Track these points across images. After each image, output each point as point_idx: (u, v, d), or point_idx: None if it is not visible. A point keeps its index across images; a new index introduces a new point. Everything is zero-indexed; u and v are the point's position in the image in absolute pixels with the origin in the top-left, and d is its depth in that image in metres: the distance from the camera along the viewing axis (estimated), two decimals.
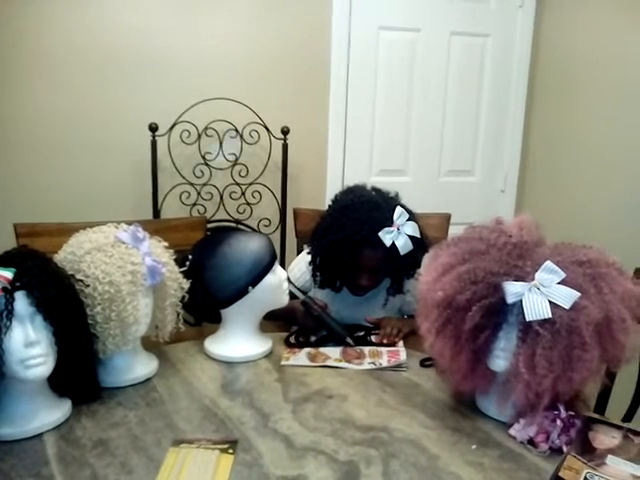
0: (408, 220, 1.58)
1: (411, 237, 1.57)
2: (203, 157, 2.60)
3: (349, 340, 1.54)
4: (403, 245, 1.55)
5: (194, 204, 2.64)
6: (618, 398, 1.48)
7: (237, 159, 2.65)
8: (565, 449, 1.05)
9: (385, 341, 1.57)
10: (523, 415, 1.11)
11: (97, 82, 2.53)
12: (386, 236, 1.54)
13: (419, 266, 1.67)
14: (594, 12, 2.70)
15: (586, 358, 1.03)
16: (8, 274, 1.02)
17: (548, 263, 1.07)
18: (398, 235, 1.55)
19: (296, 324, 1.64)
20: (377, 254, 1.56)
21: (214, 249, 1.42)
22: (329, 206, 1.68)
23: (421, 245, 1.62)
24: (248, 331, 1.49)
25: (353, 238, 1.54)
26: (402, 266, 1.60)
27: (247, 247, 1.42)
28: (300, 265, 1.76)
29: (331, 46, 2.80)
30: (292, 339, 1.57)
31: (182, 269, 1.41)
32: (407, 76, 2.93)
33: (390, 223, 1.55)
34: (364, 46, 2.84)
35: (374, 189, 1.68)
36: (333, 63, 2.82)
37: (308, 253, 1.69)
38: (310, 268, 1.67)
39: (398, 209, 1.58)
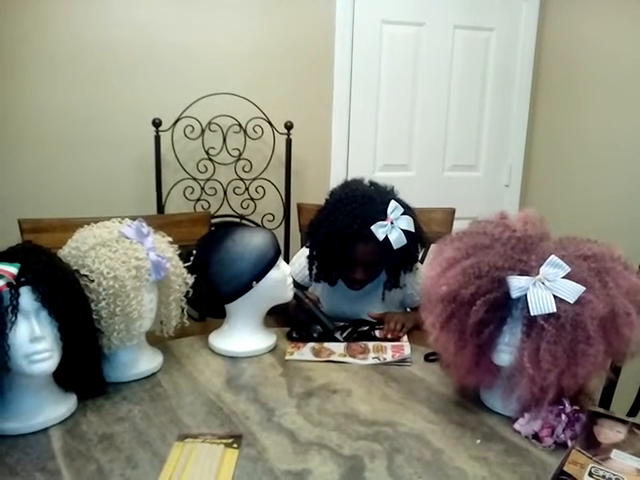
0: (403, 214, 1.57)
1: (406, 231, 1.56)
2: (207, 152, 2.60)
3: (338, 336, 1.54)
4: (396, 239, 1.55)
5: (198, 199, 2.64)
6: (623, 392, 1.48)
7: (241, 154, 2.65)
8: (570, 443, 1.05)
9: (389, 336, 1.56)
10: (528, 410, 1.11)
11: (101, 77, 2.53)
12: (379, 230, 1.54)
13: (415, 260, 1.67)
14: (599, 5, 2.68)
15: (591, 352, 1.03)
16: (13, 269, 1.02)
17: (553, 257, 1.07)
18: (392, 229, 1.55)
19: (290, 317, 1.64)
20: (370, 248, 1.56)
21: (218, 244, 1.42)
22: (326, 200, 1.68)
23: (416, 239, 1.61)
24: (252, 326, 1.49)
25: (345, 232, 1.54)
26: (396, 260, 1.60)
27: (251, 242, 1.42)
28: (301, 260, 1.76)
29: (334, 40, 2.79)
30: (294, 334, 1.58)
31: (186, 264, 1.41)
32: (410, 70, 2.92)
33: (384, 217, 1.55)
34: (367, 40, 2.83)
35: (371, 183, 1.69)
36: (336, 58, 2.81)
37: (307, 247, 1.69)
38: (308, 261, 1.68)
39: (392, 203, 1.57)
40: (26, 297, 1.02)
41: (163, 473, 0.97)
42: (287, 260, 1.72)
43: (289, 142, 2.65)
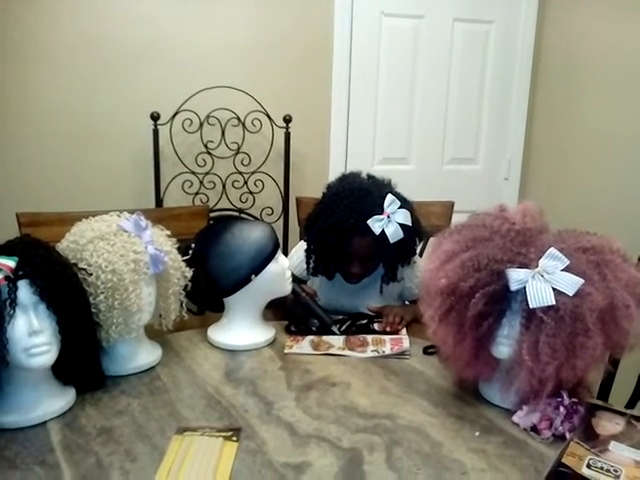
0: (400, 208, 1.57)
1: (403, 225, 1.56)
2: (205, 146, 2.59)
3: (335, 329, 1.54)
4: (393, 233, 1.54)
5: (196, 193, 2.63)
6: (621, 385, 1.48)
7: (239, 148, 2.64)
8: (568, 436, 1.05)
9: (388, 329, 1.56)
10: (526, 402, 1.11)
11: (98, 71, 2.52)
12: (375, 224, 1.53)
13: (412, 254, 1.67)
14: None
15: (589, 345, 1.03)
16: (11, 263, 1.02)
17: (552, 250, 1.06)
18: (388, 223, 1.54)
19: (287, 311, 1.64)
20: (366, 242, 1.56)
21: (217, 238, 1.42)
22: (323, 193, 1.68)
23: (413, 233, 1.61)
24: (251, 319, 1.49)
25: (341, 225, 1.54)
26: (393, 254, 1.60)
27: (250, 236, 1.42)
28: (299, 253, 1.76)
29: (334, 33, 2.78)
30: (293, 327, 1.57)
31: (185, 258, 1.41)
32: (410, 63, 2.91)
33: (380, 211, 1.54)
34: (367, 33, 2.82)
35: (369, 176, 1.68)
36: (336, 50, 2.80)
37: (305, 241, 1.69)
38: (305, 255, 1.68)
39: (389, 197, 1.56)
40: (24, 291, 1.02)
41: (162, 466, 0.97)
42: (286, 254, 1.72)
43: (288, 135, 2.64)
